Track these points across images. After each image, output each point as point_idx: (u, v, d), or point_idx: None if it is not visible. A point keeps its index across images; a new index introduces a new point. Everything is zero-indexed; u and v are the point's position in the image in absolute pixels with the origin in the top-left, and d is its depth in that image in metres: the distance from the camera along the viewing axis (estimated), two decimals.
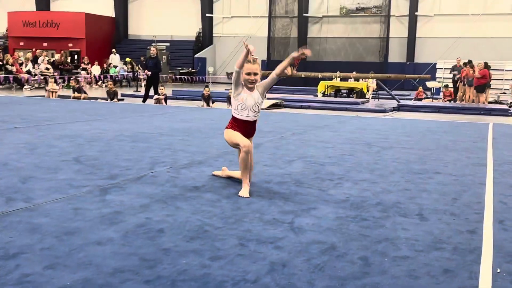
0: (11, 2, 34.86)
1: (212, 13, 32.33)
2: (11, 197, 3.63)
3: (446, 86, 19.28)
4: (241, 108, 4.16)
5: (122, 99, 15.63)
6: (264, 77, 4.39)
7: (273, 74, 4.21)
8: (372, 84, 20.04)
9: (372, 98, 19.38)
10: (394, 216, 3.52)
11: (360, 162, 5.52)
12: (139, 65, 25.05)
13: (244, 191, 3.96)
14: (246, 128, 4.20)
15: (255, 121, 4.26)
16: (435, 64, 25.99)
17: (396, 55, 28.91)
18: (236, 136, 4.13)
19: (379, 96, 19.74)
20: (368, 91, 19.33)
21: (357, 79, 19.57)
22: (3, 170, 4.51)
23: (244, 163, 4.03)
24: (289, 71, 4.32)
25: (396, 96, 17.53)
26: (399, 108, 15.02)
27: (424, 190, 4.32)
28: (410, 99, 19.07)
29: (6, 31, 31.29)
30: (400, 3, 28.91)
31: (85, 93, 15.46)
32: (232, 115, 4.24)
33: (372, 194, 4.11)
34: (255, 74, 4.14)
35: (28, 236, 2.85)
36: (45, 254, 2.59)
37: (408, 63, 28.69)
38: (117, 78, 23.97)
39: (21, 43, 29.84)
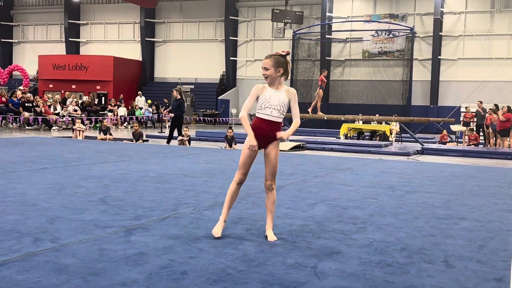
0: (42, 46, 36.23)
1: (236, 57, 33.01)
2: (38, 237, 3.70)
3: (472, 129, 19.13)
4: (265, 106, 3.87)
5: (147, 140, 15.89)
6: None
7: (294, 119, 4.07)
8: (395, 127, 20.02)
9: (395, 141, 19.31)
10: (419, 263, 3.47)
11: (383, 206, 5.49)
12: (163, 107, 25.56)
13: (216, 227, 3.88)
14: (265, 129, 3.86)
15: (279, 123, 3.92)
16: (459, 107, 25.89)
17: (419, 98, 28.92)
18: (242, 158, 3.92)
19: (403, 139, 19.66)
20: (391, 134, 19.29)
21: (380, 122, 19.57)
22: (31, 210, 4.61)
23: (229, 193, 3.93)
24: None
25: (419, 139, 17.43)
26: (423, 152, 14.91)
27: (450, 236, 4.26)
28: (434, 143, 18.93)
29: (37, 73, 32.37)
30: (423, 47, 29.13)
31: (110, 134, 15.77)
32: (256, 116, 3.94)
33: (396, 239, 4.08)
34: (266, 69, 3.93)
35: (55, 276, 2.90)
36: None
37: (431, 106, 28.63)
38: (142, 120, 24.43)
39: (51, 85, 30.79)
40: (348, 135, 19.05)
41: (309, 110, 18.86)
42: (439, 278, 3.17)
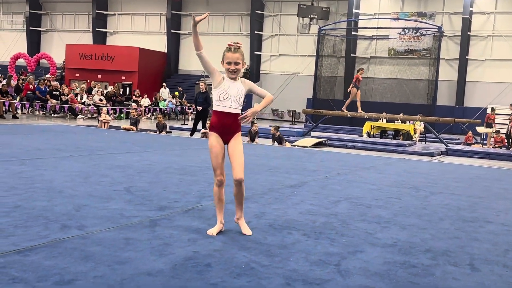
0: (70, 36, 36.69)
1: (260, 51, 32.96)
2: (66, 224, 3.76)
3: (498, 132, 18.80)
4: (223, 98, 3.74)
5: (170, 132, 16.00)
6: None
7: (265, 96, 3.94)
8: (420, 126, 19.78)
9: (419, 140, 19.09)
10: (444, 265, 3.43)
11: (407, 206, 5.44)
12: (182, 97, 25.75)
13: (213, 228, 3.80)
14: (227, 123, 3.78)
15: (237, 115, 3.81)
16: (485, 108, 25.45)
17: (445, 98, 28.50)
18: (213, 160, 3.83)
19: (427, 139, 19.42)
20: (415, 133, 19.07)
21: (404, 121, 19.36)
22: (58, 197, 4.69)
23: (215, 197, 3.91)
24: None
25: (444, 140, 17.20)
26: (447, 152, 14.71)
27: (475, 239, 4.20)
28: (459, 144, 18.66)
29: (64, 62, 32.81)
30: (450, 47, 28.67)
31: (137, 125, 15.90)
32: (214, 111, 3.81)
33: (421, 240, 4.04)
34: (236, 63, 3.73)
35: (82, 263, 2.95)
36: (98, 282, 2.67)
37: (457, 106, 28.21)
38: (165, 111, 24.61)
39: (77, 74, 31.18)
40: (371, 133, 18.89)
41: (343, 108, 18.69)
42: (464, 281, 3.13)
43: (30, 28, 37.55)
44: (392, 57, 29.90)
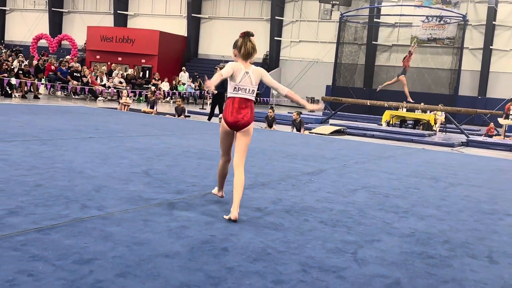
0: (91, 18, 36.88)
1: (280, 37, 32.76)
2: (85, 204, 3.81)
3: None
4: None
5: (188, 116, 16.05)
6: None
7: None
8: (441, 116, 19.52)
9: (439, 131, 18.86)
10: (462, 256, 3.41)
11: (426, 197, 5.39)
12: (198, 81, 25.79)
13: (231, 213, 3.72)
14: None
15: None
16: (509, 100, 25.01)
17: (467, 88, 28.08)
18: (222, 145, 4.02)
19: (447, 129, 19.18)
20: (435, 123, 18.83)
21: (424, 111, 19.12)
22: (79, 177, 4.75)
23: (220, 171, 4.12)
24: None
25: (465, 131, 16.98)
26: (467, 144, 14.52)
27: (494, 231, 4.16)
28: (480, 135, 18.40)
29: (85, 44, 33.02)
30: (475, 36, 28.17)
31: (156, 107, 15.98)
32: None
33: (439, 231, 4.00)
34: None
35: (101, 243, 2.99)
36: (116, 262, 2.71)
37: (479, 97, 27.78)
38: (184, 95, 24.67)
39: (98, 56, 31.37)
40: (391, 122, 18.72)
41: (409, 99, 18.37)
42: (482, 273, 3.11)
43: (52, 9, 37.81)
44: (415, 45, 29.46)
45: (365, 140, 13.13)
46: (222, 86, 14.86)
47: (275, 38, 32.35)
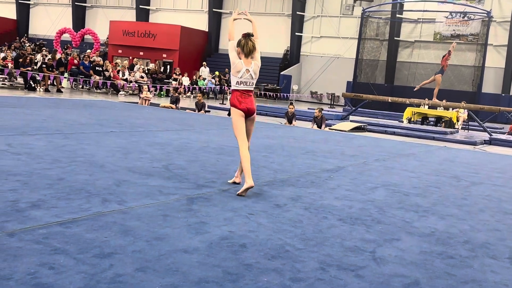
0: (114, 12, 37.19)
1: (301, 32, 32.62)
2: (106, 198, 3.86)
3: None
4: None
5: (209, 111, 16.11)
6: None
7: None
8: (463, 114, 19.25)
9: (461, 128, 18.60)
10: (482, 257, 3.37)
11: (447, 196, 5.33)
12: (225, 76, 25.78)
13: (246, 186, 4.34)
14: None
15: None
16: None
17: (491, 85, 27.60)
18: (238, 128, 4.51)
19: (470, 127, 18.91)
20: (458, 121, 18.57)
21: (447, 108, 18.86)
22: (100, 171, 4.81)
23: (245, 158, 4.46)
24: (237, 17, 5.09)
25: (488, 129, 16.71)
26: (490, 142, 14.30)
27: None
28: (503, 133, 18.09)
29: (107, 38, 33.32)
30: (499, 32, 27.66)
31: (178, 104, 16.07)
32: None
33: (460, 231, 3.96)
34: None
35: (121, 237, 3.02)
36: (136, 256, 2.74)
37: (503, 95, 27.29)
38: (205, 90, 24.76)
39: (120, 51, 31.62)
40: (412, 120, 18.51)
41: (434, 99, 18.15)
42: (503, 274, 3.07)
43: (76, 3, 38.22)
44: (437, 42, 29.08)
45: (385, 137, 13.02)
46: None
47: (296, 33, 32.21)
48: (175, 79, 24.74)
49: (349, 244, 3.35)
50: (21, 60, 18.53)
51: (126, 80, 21.85)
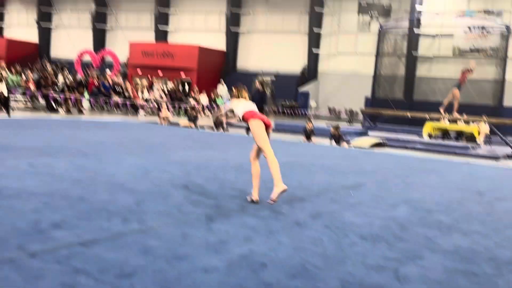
0: (133, 33, 37.79)
1: (318, 49, 32.70)
2: (126, 218, 3.88)
3: None
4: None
5: (227, 129, 16.16)
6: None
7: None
8: (485, 128, 18.98)
9: (484, 143, 18.33)
10: (508, 274, 3.28)
11: (470, 212, 5.23)
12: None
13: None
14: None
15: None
16: None
17: None
18: (264, 140, 5.05)
19: (492, 141, 18.61)
20: (479, 135, 18.31)
21: (467, 122, 18.63)
22: (120, 191, 4.84)
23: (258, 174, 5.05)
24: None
25: (511, 143, 16.44)
26: None
27: None
28: None
29: (127, 59, 33.83)
30: None
31: (196, 122, 16.17)
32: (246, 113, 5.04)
33: (484, 248, 3.87)
34: None
35: (142, 257, 3.02)
36: (156, 276, 2.74)
37: None
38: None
39: (139, 71, 32.06)
40: (432, 135, 18.32)
41: (454, 113, 17.92)
42: None
43: (96, 26, 38.96)
44: (457, 56, 28.86)
45: (406, 152, 12.89)
46: (262, 100, 14.98)
47: (313, 50, 32.30)
48: (194, 98, 24.95)
49: (371, 262, 3.30)
50: (42, 81, 18.88)
51: (146, 100, 22.10)
